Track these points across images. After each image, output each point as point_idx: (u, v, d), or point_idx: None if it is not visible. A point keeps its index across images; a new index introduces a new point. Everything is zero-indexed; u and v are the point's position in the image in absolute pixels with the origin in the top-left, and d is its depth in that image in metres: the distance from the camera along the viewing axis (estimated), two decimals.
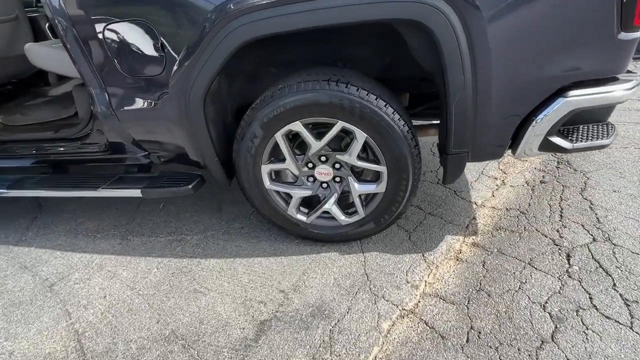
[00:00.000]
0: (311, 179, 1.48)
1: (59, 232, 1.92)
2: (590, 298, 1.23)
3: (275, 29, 1.06)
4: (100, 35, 1.19)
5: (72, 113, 1.80)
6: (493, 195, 1.87)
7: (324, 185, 1.48)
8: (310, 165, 1.43)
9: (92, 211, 2.07)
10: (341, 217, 1.49)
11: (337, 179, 1.46)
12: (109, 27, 1.17)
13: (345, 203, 1.53)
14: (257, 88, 1.54)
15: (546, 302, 1.23)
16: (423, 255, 1.51)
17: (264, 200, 1.51)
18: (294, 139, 1.46)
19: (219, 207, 1.97)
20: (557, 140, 1.18)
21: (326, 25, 1.04)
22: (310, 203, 1.56)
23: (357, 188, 1.41)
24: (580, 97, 1.08)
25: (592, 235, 1.50)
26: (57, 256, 1.73)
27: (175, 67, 1.18)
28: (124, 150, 1.56)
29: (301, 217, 1.53)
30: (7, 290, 1.55)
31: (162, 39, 1.14)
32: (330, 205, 1.47)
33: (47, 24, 2.16)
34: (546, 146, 1.20)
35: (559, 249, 1.45)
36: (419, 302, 1.30)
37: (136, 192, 1.55)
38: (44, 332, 1.33)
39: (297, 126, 1.28)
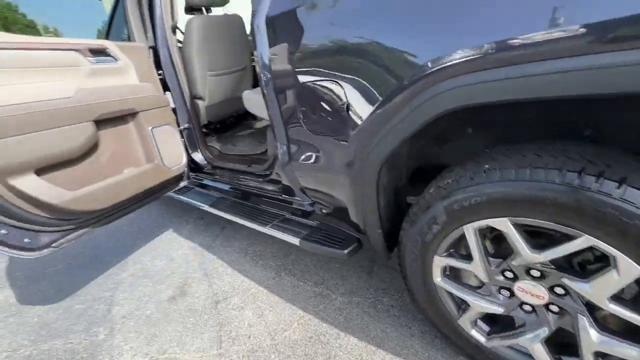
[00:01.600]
0: (506, 292, 1.01)
1: (234, 249, 2.20)
2: None
3: (506, 95, 0.72)
4: (293, 92, 1.19)
5: (263, 150, 2.01)
6: None
7: (527, 307, 0.99)
8: (509, 274, 0.97)
9: (262, 234, 2.28)
10: None
11: (554, 308, 0.94)
12: (302, 84, 1.15)
13: (558, 341, 0.97)
14: (444, 149, 1.22)
15: None
16: None
17: (427, 296, 1.16)
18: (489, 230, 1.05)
19: (370, 268, 1.75)
20: None
21: (604, 94, 0.61)
22: (496, 317, 1.09)
23: (596, 341, 0.84)
24: None
25: None
26: (229, 273, 1.96)
27: (355, 131, 1.03)
28: (294, 194, 1.58)
29: (478, 336, 1.09)
30: (191, 292, 1.85)
31: (349, 100, 1.01)
32: (533, 343, 0.96)
33: None
34: None
35: None
36: None
37: (295, 240, 1.54)
38: (200, 352, 1.46)
39: (503, 225, 0.87)
